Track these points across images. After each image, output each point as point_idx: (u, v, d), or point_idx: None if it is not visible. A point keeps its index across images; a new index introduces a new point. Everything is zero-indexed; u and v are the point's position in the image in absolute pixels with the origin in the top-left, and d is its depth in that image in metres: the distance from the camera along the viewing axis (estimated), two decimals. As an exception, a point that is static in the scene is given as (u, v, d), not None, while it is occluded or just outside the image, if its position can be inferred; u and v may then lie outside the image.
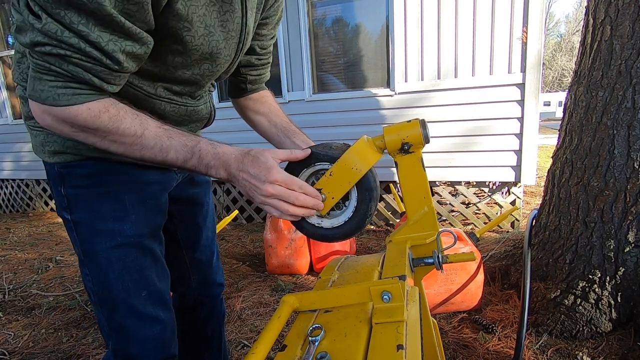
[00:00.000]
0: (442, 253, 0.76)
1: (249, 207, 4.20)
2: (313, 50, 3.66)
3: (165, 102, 0.81)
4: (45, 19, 0.55)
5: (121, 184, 0.83)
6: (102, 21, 0.56)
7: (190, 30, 0.69)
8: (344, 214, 0.80)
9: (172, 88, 0.80)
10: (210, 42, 0.73)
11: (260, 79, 1.05)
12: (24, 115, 0.83)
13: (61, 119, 0.62)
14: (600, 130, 1.72)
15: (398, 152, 0.74)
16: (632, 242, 1.65)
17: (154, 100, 0.79)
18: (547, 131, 14.07)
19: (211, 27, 0.72)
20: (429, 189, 0.77)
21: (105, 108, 0.63)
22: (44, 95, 0.60)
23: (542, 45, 2.98)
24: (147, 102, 0.78)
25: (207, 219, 1.14)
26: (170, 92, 0.81)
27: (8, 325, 2.29)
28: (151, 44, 0.65)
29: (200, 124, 0.95)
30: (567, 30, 37.08)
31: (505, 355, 1.69)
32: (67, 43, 0.56)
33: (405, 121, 0.74)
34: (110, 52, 0.59)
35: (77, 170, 0.80)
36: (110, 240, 0.80)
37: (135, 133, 0.65)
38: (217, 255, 1.19)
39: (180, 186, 1.02)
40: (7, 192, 5.58)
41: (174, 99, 0.82)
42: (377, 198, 0.78)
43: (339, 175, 0.74)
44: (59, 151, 0.79)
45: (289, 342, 0.53)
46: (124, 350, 0.87)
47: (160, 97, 0.79)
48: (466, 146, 3.29)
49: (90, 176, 0.81)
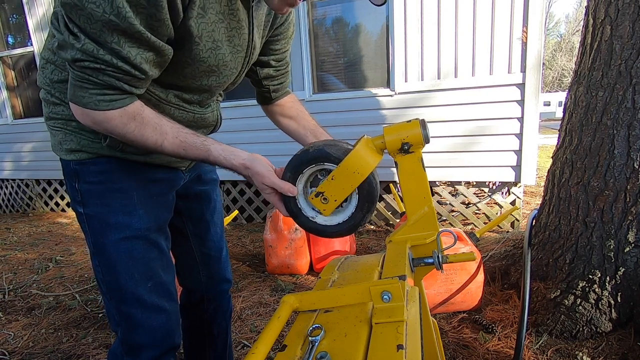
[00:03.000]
0: (442, 253, 0.76)
1: (249, 207, 4.20)
2: (313, 50, 3.66)
3: (175, 108, 0.87)
4: (84, 39, 0.65)
5: (131, 181, 0.89)
6: (132, 37, 0.66)
7: (199, 44, 0.76)
8: (340, 215, 0.81)
9: (183, 96, 0.87)
10: (217, 56, 0.81)
11: (282, 87, 1.14)
12: (45, 116, 0.89)
13: (97, 121, 0.73)
14: (600, 130, 1.72)
15: (398, 152, 0.75)
16: (632, 242, 1.65)
17: (164, 105, 0.85)
18: (547, 131, 14.07)
19: (219, 41, 0.79)
20: (429, 189, 0.77)
21: (133, 116, 0.73)
22: (85, 101, 0.70)
23: (542, 45, 2.98)
24: (159, 107, 0.84)
25: (215, 215, 1.18)
26: (180, 99, 0.87)
27: (8, 325, 2.29)
28: (171, 53, 0.74)
29: (207, 130, 1.01)
30: (567, 30, 37.08)
31: (505, 355, 1.69)
32: (102, 60, 0.66)
33: (405, 121, 0.74)
34: (138, 64, 0.69)
35: (91, 167, 0.87)
36: (119, 233, 0.87)
37: (156, 142, 0.76)
38: (225, 251, 1.23)
39: (188, 184, 1.08)
40: (7, 192, 5.58)
41: (183, 106, 0.88)
42: (374, 210, 0.80)
43: (341, 179, 0.75)
44: (75, 149, 0.86)
45: (289, 342, 0.53)
46: (130, 339, 0.92)
47: (171, 103, 0.86)
48: (466, 146, 3.29)
49: (102, 173, 0.87)
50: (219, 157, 0.80)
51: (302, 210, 0.82)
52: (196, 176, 1.11)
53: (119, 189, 0.88)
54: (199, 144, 0.79)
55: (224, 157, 0.80)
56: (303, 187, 0.82)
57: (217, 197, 1.19)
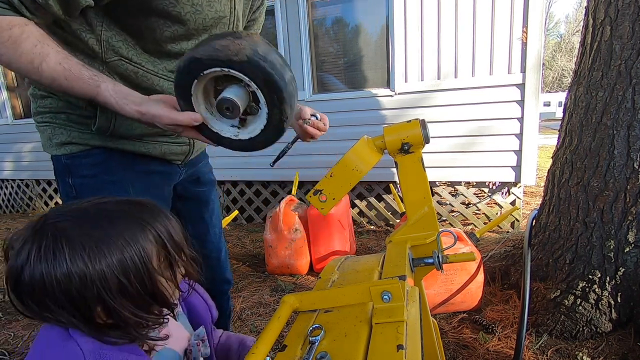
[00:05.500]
0: (442, 253, 0.76)
1: (249, 207, 4.20)
2: (313, 50, 3.66)
3: (164, 80, 0.85)
4: None
5: (127, 173, 0.88)
6: None
7: (175, 6, 0.75)
8: (258, 121, 0.73)
9: (169, 65, 0.84)
10: (196, 20, 0.79)
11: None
12: (33, 112, 0.87)
13: None
14: (600, 130, 1.72)
15: (398, 152, 0.74)
16: (632, 242, 1.65)
17: (152, 76, 0.83)
18: (547, 131, 14.06)
19: (198, 5, 0.78)
20: (429, 189, 0.77)
21: (11, 26, 0.65)
22: None
23: (542, 45, 2.98)
24: (147, 78, 0.82)
25: (214, 217, 1.18)
26: (167, 70, 0.85)
27: (8, 326, 2.29)
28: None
29: None
30: (567, 31, 37.07)
31: (505, 355, 1.69)
32: None
33: (405, 121, 0.74)
34: None
35: (84, 160, 0.85)
36: None
37: (32, 62, 0.66)
38: (225, 252, 1.23)
39: (185, 184, 1.07)
40: (7, 192, 5.58)
41: (172, 76, 0.85)
42: (289, 97, 0.69)
43: (340, 177, 0.74)
44: (65, 142, 0.84)
45: (289, 342, 0.53)
46: None
47: (159, 74, 0.83)
48: (466, 146, 3.29)
49: (96, 165, 0.85)
50: (110, 98, 0.70)
51: (220, 132, 0.74)
52: (195, 178, 1.10)
53: (115, 181, 0.86)
54: (86, 77, 0.69)
55: (115, 101, 0.70)
56: (205, 106, 0.72)
57: (215, 198, 1.19)
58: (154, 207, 0.62)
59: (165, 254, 0.58)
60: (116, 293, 0.53)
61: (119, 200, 0.61)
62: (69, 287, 0.51)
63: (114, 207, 0.58)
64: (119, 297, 0.53)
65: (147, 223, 0.57)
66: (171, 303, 0.60)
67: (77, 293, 0.51)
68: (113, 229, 0.54)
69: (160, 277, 0.57)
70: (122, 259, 0.53)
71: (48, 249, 0.51)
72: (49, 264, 0.51)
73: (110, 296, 0.52)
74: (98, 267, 0.52)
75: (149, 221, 0.58)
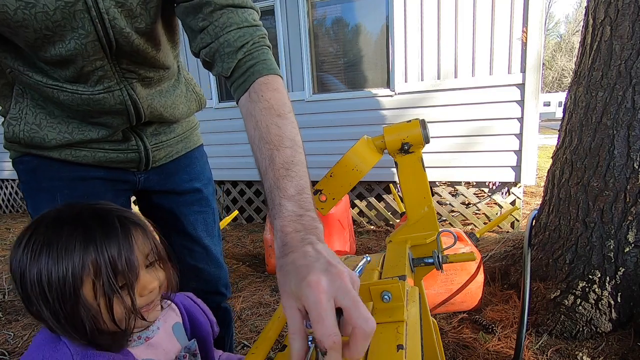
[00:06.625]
0: (442, 253, 0.76)
1: (249, 207, 4.20)
2: (313, 50, 3.66)
3: (57, 90, 0.75)
4: None
5: (53, 180, 0.84)
6: None
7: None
8: None
9: (51, 74, 0.73)
10: (35, 15, 0.63)
11: (231, 57, 0.67)
12: None
13: None
14: (600, 130, 1.72)
15: (398, 152, 0.74)
16: (632, 242, 1.65)
17: (46, 88, 0.75)
18: (547, 131, 14.06)
19: None
20: (429, 189, 0.77)
21: None
22: None
23: (542, 45, 2.98)
24: (44, 91, 0.75)
25: (198, 228, 1.08)
26: (51, 78, 0.74)
27: (8, 326, 2.29)
28: None
29: (117, 117, 0.81)
30: (567, 31, 37.08)
31: (505, 355, 1.69)
32: None
33: (405, 121, 0.74)
34: None
35: (20, 166, 0.85)
36: None
37: None
38: (217, 264, 1.13)
39: (161, 195, 1.00)
40: (7, 192, 5.58)
41: (63, 86, 0.75)
42: None
43: (340, 177, 0.74)
44: (6, 147, 0.84)
45: (289, 342, 0.53)
46: None
47: (49, 84, 0.74)
48: (466, 146, 3.29)
49: (28, 171, 0.84)
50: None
51: None
52: (170, 189, 1.00)
53: (43, 189, 0.84)
54: None
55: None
56: None
57: (202, 208, 1.07)
58: (111, 226, 0.57)
59: (104, 281, 0.54)
60: (42, 299, 0.54)
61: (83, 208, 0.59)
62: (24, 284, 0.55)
63: (71, 219, 0.57)
64: (45, 303, 0.54)
65: (93, 244, 0.54)
66: (105, 329, 0.56)
67: (29, 291, 0.55)
68: (61, 238, 0.55)
69: (90, 302, 0.54)
70: (53, 270, 0.53)
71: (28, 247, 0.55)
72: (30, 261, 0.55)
73: (41, 299, 0.54)
74: (35, 268, 0.54)
75: (97, 244, 0.54)
